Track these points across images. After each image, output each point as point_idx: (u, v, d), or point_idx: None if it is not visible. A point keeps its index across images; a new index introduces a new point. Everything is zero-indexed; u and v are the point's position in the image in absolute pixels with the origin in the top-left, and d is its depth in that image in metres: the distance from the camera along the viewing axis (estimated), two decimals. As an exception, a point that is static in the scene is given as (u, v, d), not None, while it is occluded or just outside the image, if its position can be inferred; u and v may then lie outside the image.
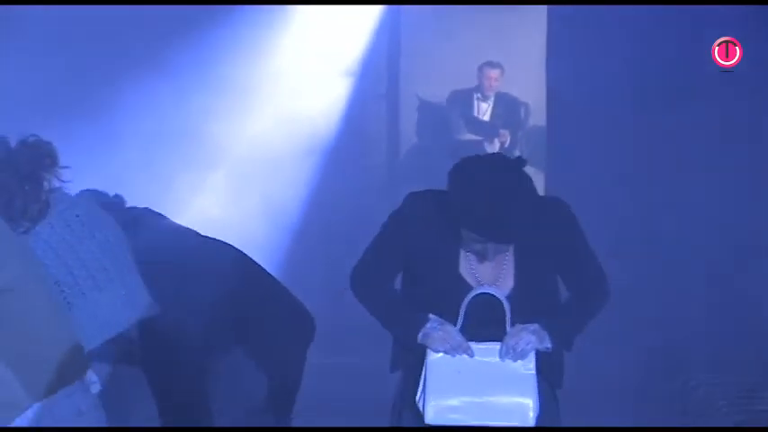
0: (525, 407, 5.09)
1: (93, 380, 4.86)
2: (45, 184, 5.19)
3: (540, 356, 5.13)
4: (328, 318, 7.13)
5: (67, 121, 9.39)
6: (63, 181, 5.32)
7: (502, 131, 12.29)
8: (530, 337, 5.09)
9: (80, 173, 5.98)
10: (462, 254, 5.19)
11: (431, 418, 5.09)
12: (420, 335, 5.13)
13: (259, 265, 6.71)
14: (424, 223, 5.21)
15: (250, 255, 6.77)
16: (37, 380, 4.58)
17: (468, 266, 5.20)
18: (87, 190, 6.09)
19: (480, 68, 12.19)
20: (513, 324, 5.09)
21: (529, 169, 5.13)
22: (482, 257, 5.13)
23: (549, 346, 5.12)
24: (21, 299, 4.57)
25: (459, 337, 5.10)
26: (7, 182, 5.13)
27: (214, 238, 6.57)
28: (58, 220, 5.28)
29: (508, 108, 12.33)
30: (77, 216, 5.38)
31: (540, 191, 11.23)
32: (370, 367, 7.16)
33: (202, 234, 6.63)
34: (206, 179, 10.63)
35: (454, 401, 5.14)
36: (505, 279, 5.21)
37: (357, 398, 8.29)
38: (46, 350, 4.63)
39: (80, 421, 4.64)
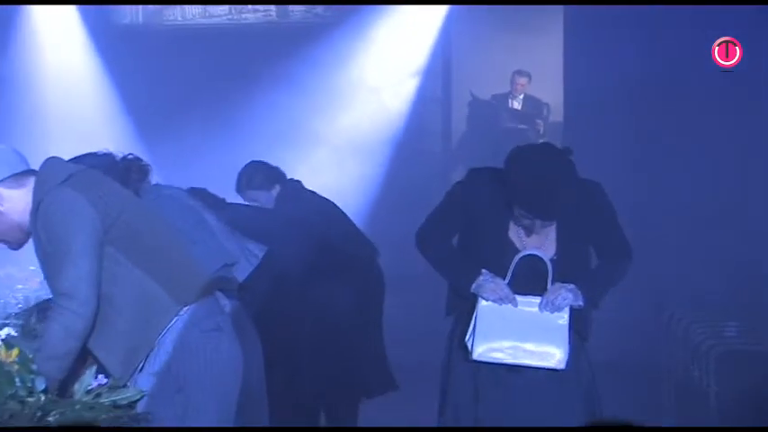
0: (558, 353, 5.12)
1: (224, 302, 5.00)
2: (135, 186, 5.68)
3: (573, 312, 5.17)
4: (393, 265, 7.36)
5: (205, 123, 10.10)
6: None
7: (537, 121, 12.29)
8: (567, 294, 5.13)
9: (222, 159, 6.61)
10: (512, 223, 5.21)
11: (478, 354, 5.14)
12: (474, 285, 5.18)
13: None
14: (481, 194, 5.23)
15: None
16: (176, 290, 4.67)
17: (517, 233, 5.22)
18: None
19: (512, 76, 12.17)
20: (553, 283, 5.16)
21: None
22: (529, 231, 5.19)
23: (582, 303, 5.16)
24: (149, 227, 4.75)
25: (507, 290, 5.14)
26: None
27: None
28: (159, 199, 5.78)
29: (534, 107, 12.31)
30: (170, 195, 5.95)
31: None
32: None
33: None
34: (310, 160, 10.50)
35: (498, 343, 5.15)
36: (549, 246, 5.23)
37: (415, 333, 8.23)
38: (176, 268, 4.75)
39: (221, 338, 4.75)
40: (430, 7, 11.69)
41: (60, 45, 11.20)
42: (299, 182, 7.42)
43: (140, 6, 12.00)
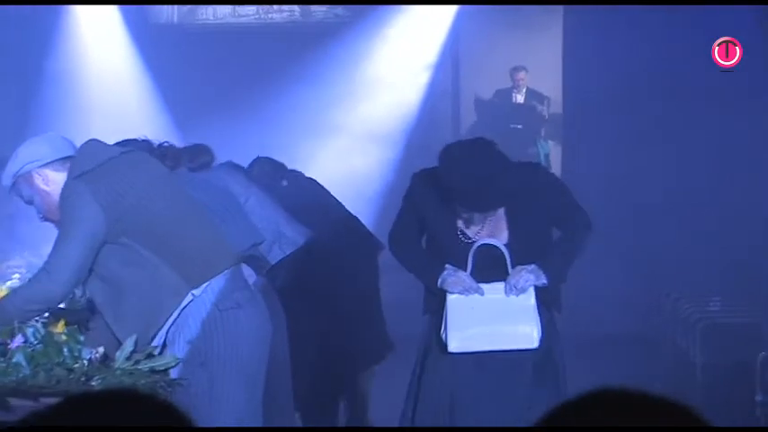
0: (529, 333, 4.96)
1: (249, 273, 5.08)
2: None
3: (539, 289, 5.01)
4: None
5: (235, 115, 10.06)
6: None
7: (539, 109, 12.23)
8: (528, 276, 4.97)
9: (251, 148, 6.61)
10: (458, 217, 5.06)
11: (453, 347, 4.96)
12: (439, 281, 5.01)
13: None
14: (428, 195, 5.04)
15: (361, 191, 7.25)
16: (188, 272, 4.67)
17: (465, 226, 5.06)
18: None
19: (511, 72, 12.14)
20: (513, 266, 5.00)
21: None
22: (469, 222, 5.03)
23: (545, 282, 5.00)
24: (170, 211, 4.76)
25: (470, 280, 4.98)
26: None
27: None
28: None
29: (536, 99, 12.24)
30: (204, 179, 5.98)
31: (558, 164, 11.77)
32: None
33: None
34: (332, 148, 10.67)
35: (471, 332, 4.97)
36: (501, 232, 5.06)
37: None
38: (190, 252, 4.73)
39: (239, 315, 4.75)
40: (440, 8, 11.68)
41: (102, 43, 11.26)
42: (300, 173, 7.36)
43: (175, 7, 12.06)
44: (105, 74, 10.95)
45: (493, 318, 4.96)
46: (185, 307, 4.69)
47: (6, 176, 4.76)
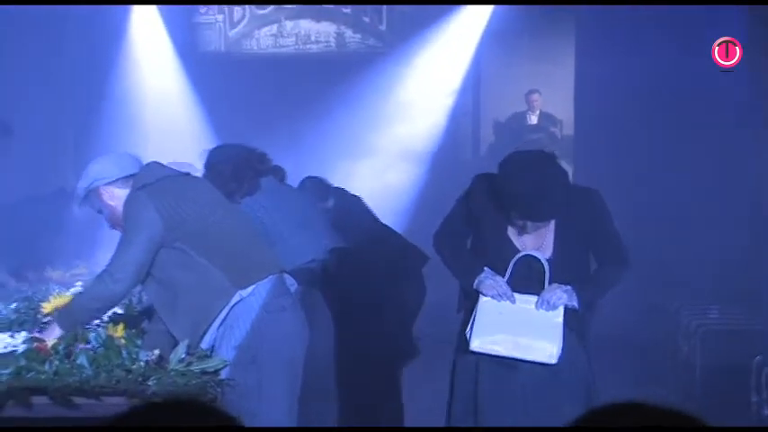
0: (550, 348, 4.70)
1: (291, 282, 5.12)
2: (250, 173, 5.84)
3: (569, 313, 4.76)
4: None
5: (277, 138, 9.61)
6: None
7: (552, 130, 12.21)
8: (561, 294, 4.73)
9: (293, 170, 6.67)
10: (510, 225, 4.83)
11: (475, 346, 4.76)
12: (475, 282, 4.81)
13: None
14: (483, 199, 4.82)
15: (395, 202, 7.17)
16: (236, 276, 4.74)
17: (516, 234, 4.83)
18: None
19: (525, 95, 12.10)
20: (550, 282, 4.77)
21: (562, 163, 4.70)
22: (522, 230, 4.78)
23: (576, 304, 4.75)
24: (220, 222, 4.81)
25: (505, 287, 4.76)
26: (224, 171, 5.67)
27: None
28: (260, 196, 5.80)
29: (549, 121, 12.23)
30: (272, 192, 5.89)
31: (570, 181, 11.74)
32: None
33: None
34: (366, 167, 10.57)
35: (494, 336, 4.74)
36: (546, 247, 4.82)
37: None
38: (238, 252, 4.81)
39: (284, 317, 4.83)
40: (463, 38, 11.65)
41: (156, 69, 11.30)
42: (345, 190, 7.23)
43: (222, 37, 12.05)
44: (158, 97, 10.97)
45: (518, 327, 4.73)
46: (234, 306, 4.73)
47: (79, 190, 4.88)
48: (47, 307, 4.84)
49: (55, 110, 10.10)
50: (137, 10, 11.26)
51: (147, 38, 11.33)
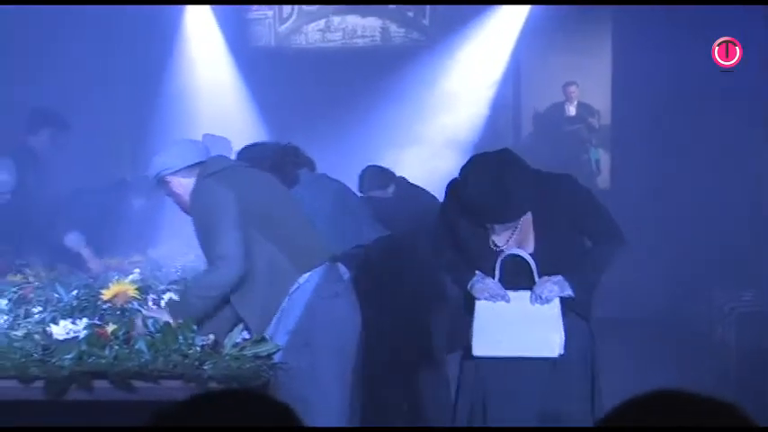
0: (551, 341, 4.46)
1: (343, 270, 5.07)
2: (288, 166, 5.90)
3: (567, 299, 4.52)
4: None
5: (327, 130, 9.87)
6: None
7: (590, 120, 12.02)
8: (552, 287, 4.47)
9: (342, 161, 6.62)
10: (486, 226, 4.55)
11: (477, 351, 4.55)
12: (468, 286, 4.60)
13: None
14: (456, 206, 4.52)
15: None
16: (300, 260, 4.79)
17: (497, 235, 4.56)
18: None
19: (563, 87, 12.00)
20: (540, 276, 4.51)
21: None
22: (496, 232, 4.52)
23: (571, 293, 4.51)
24: (280, 208, 4.87)
25: (497, 287, 4.53)
26: (264, 167, 5.37)
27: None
28: (300, 188, 5.80)
29: (586, 111, 12.06)
30: (310, 183, 5.94)
31: (607, 168, 11.77)
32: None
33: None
34: (413, 156, 10.41)
35: (494, 337, 4.51)
36: (528, 242, 4.55)
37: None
38: (298, 238, 4.85)
39: (338, 302, 4.84)
40: (502, 32, 11.56)
41: (209, 65, 11.32)
42: (405, 179, 7.20)
43: (272, 32, 12.04)
44: (211, 91, 10.96)
45: (516, 325, 4.48)
46: (292, 293, 4.74)
47: (150, 178, 4.97)
48: (106, 294, 4.82)
49: (113, 107, 10.12)
50: (190, 10, 11.32)
51: (201, 35, 11.35)
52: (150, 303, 4.93)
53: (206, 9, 11.33)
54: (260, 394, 1.80)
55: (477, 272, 4.60)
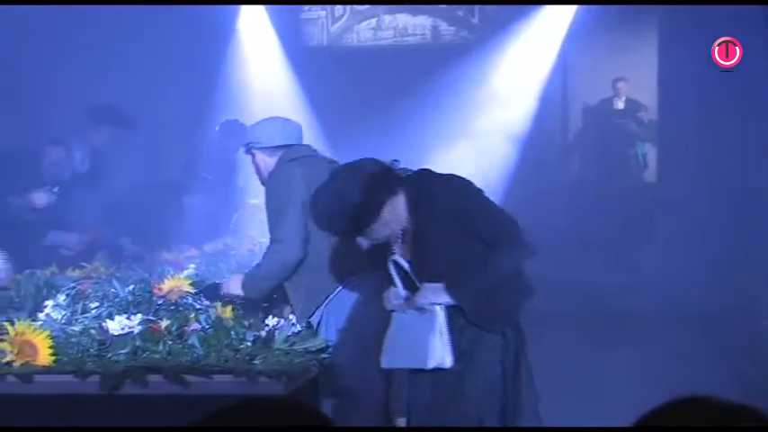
0: (438, 354, 4.18)
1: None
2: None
3: (461, 309, 4.22)
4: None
5: (381, 125, 9.82)
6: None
7: (639, 115, 11.97)
8: (426, 294, 4.21)
9: (398, 155, 6.58)
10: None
11: (383, 364, 4.39)
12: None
13: None
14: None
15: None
16: (333, 270, 4.88)
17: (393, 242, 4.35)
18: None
19: (612, 82, 11.94)
20: (421, 283, 4.25)
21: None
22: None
23: (451, 300, 4.20)
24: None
25: (394, 296, 4.34)
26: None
27: None
28: None
29: (635, 106, 12.01)
30: None
31: (654, 162, 11.70)
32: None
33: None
34: (465, 150, 10.41)
35: (387, 348, 4.33)
36: (408, 252, 4.33)
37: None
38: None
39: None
40: (550, 29, 11.48)
41: (263, 63, 11.32)
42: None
43: (325, 31, 12.07)
44: (266, 90, 10.94)
45: (400, 336, 4.27)
46: (341, 289, 4.82)
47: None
48: (162, 288, 4.81)
49: (172, 106, 10.24)
50: (245, 10, 11.33)
51: (255, 35, 11.37)
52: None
53: (260, 9, 11.36)
54: (294, 405, 1.75)
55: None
